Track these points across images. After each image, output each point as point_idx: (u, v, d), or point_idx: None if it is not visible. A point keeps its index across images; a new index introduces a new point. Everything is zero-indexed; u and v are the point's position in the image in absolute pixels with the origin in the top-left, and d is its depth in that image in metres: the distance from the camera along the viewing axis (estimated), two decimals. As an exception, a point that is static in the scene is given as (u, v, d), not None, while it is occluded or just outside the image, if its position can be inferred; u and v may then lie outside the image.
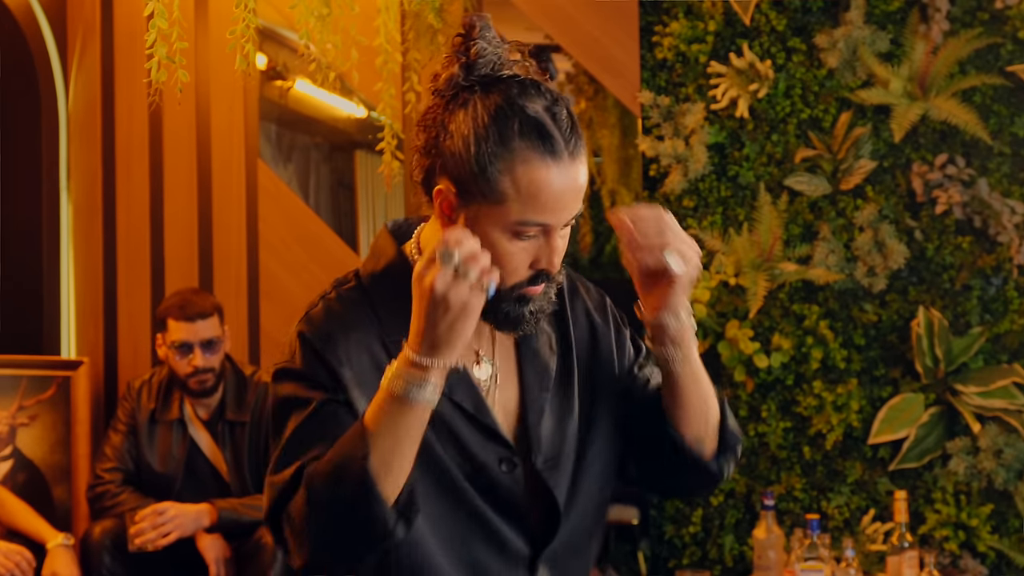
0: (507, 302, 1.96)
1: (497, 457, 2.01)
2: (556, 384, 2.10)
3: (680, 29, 4.78)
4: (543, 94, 1.90)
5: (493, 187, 1.88)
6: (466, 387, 2.01)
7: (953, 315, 4.61)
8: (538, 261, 1.95)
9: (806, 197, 4.71)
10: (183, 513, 4.28)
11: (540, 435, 2.05)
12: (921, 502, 4.61)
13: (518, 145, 1.87)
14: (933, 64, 4.61)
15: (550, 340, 2.11)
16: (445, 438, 1.99)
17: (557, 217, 1.91)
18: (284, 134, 5.51)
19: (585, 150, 1.92)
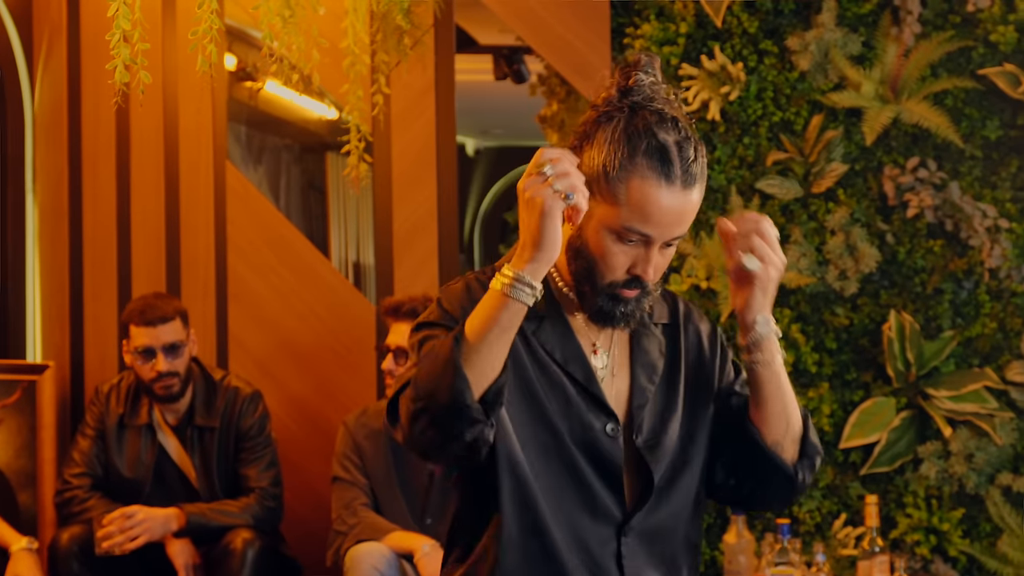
0: (602, 297, 2.25)
1: (602, 423, 2.29)
2: (662, 382, 2.37)
3: (651, 31, 4.79)
4: (678, 130, 2.20)
5: (612, 190, 2.20)
6: (580, 364, 2.30)
7: (924, 319, 4.63)
8: (635, 267, 2.23)
9: (777, 200, 4.72)
10: (151, 517, 4.27)
11: (643, 418, 2.33)
12: (892, 506, 4.62)
13: (640, 161, 2.18)
14: (905, 67, 4.63)
15: (660, 344, 2.39)
16: (557, 401, 2.28)
17: (658, 232, 2.19)
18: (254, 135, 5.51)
19: (700, 186, 2.21)
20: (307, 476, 4.84)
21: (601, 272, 2.24)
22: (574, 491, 2.28)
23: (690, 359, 2.41)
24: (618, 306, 2.25)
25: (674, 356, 2.40)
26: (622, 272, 2.23)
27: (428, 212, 4.86)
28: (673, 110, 2.23)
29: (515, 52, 6.87)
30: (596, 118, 2.24)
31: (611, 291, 2.24)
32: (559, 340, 2.30)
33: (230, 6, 4.81)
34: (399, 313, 4.31)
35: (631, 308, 2.26)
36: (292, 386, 4.89)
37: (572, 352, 2.31)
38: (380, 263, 4.91)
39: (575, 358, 2.31)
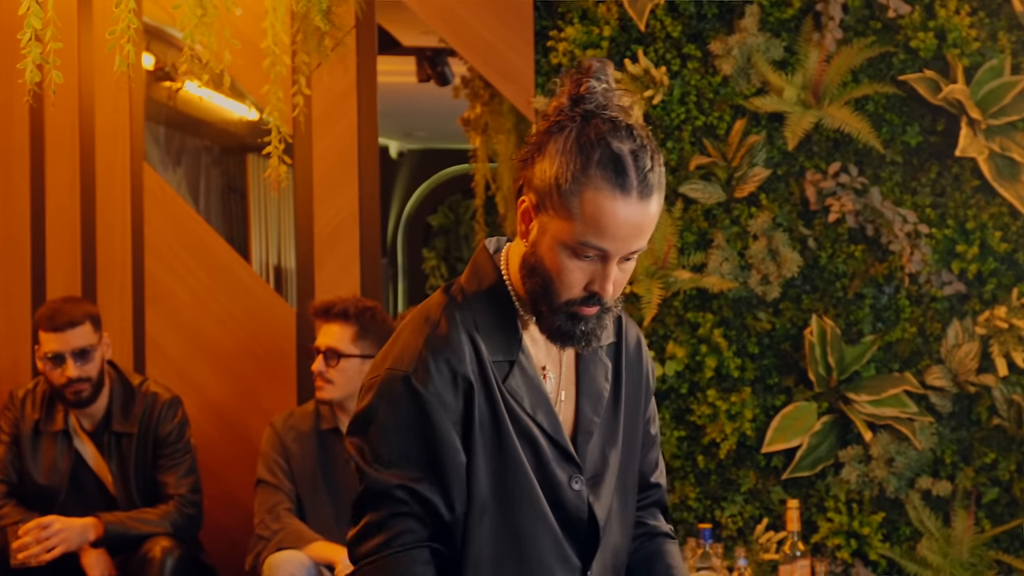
0: (560, 316, 2.18)
1: (569, 475, 2.26)
2: (607, 411, 2.33)
3: (575, 34, 4.81)
4: (633, 138, 2.13)
5: (565, 204, 2.12)
6: (544, 407, 2.26)
7: (846, 323, 4.68)
8: (592, 283, 2.16)
9: (700, 205, 4.75)
10: (68, 527, 4.22)
11: (586, 455, 2.29)
12: (814, 511, 4.67)
13: (594, 173, 2.10)
14: (826, 72, 4.68)
15: (606, 369, 2.35)
16: (528, 450, 2.23)
17: (615, 246, 2.12)
18: (173, 136, 5.47)
19: (659, 195, 2.14)
20: (227, 483, 4.81)
21: (557, 290, 2.17)
22: (545, 541, 2.24)
23: (630, 381, 2.39)
24: (577, 325, 2.19)
25: (617, 380, 2.36)
26: (579, 289, 2.17)
27: (350, 215, 4.85)
28: (628, 117, 2.16)
29: (438, 54, 6.87)
30: (547, 128, 2.17)
31: (568, 310, 2.18)
32: (529, 388, 2.24)
33: (148, 4, 4.78)
34: (329, 315, 4.29)
35: (591, 327, 2.20)
36: (211, 392, 4.86)
37: (540, 400, 2.25)
38: (301, 267, 4.89)
39: (542, 406, 2.25)
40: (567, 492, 2.25)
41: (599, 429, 2.31)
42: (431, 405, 2.17)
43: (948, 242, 4.63)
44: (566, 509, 2.25)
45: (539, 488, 2.23)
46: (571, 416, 2.30)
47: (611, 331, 2.35)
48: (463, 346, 2.20)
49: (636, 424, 2.38)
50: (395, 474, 2.16)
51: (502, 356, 2.22)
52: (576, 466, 2.26)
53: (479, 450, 2.19)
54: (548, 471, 2.23)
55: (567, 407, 2.30)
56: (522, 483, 2.22)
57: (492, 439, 2.20)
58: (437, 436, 2.17)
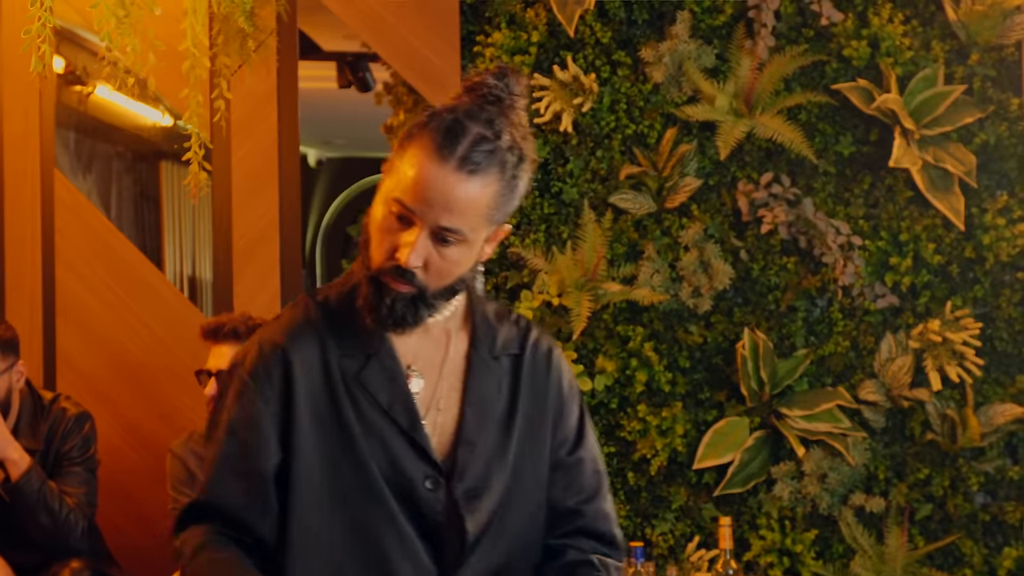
0: (372, 285, 2.17)
1: (423, 474, 2.22)
2: (496, 423, 2.29)
3: (502, 39, 4.82)
4: (487, 125, 2.13)
5: (397, 158, 2.15)
6: (404, 404, 2.23)
7: (778, 337, 4.72)
8: (395, 248, 2.13)
9: (631, 215, 4.78)
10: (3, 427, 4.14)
11: (466, 466, 2.24)
12: (746, 528, 4.70)
13: (428, 130, 2.11)
14: (759, 81, 4.72)
15: (500, 380, 2.31)
16: (377, 448, 2.21)
17: (418, 207, 2.10)
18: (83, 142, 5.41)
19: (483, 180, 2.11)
20: (140, 502, 4.76)
21: (371, 254, 2.17)
22: (396, 547, 2.21)
23: (531, 398, 2.33)
24: (383, 299, 2.16)
25: (514, 393, 2.31)
26: (385, 253, 2.15)
27: (270, 224, 4.82)
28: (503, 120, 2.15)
29: (360, 59, 6.85)
30: None
31: (379, 278, 2.16)
32: (385, 381, 2.23)
33: (58, 5, 4.71)
34: (219, 335, 4.22)
35: (400, 308, 2.16)
36: (125, 407, 4.80)
37: (398, 394, 2.23)
38: (219, 277, 4.85)
39: (400, 401, 2.23)
40: (420, 491, 2.21)
41: (485, 443, 2.27)
42: (256, 399, 2.22)
43: (881, 254, 4.69)
44: (419, 509, 2.22)
45: (385, 484, 2.20)
46: (452, 424, 2.26)
47: (514, 340, 2.34)
48: (305, 339, 2.23)
49: (537, 444, 2.32)
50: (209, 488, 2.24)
51: (357, 350, 2.22)
52: (433, 466, 2.22)
53: (313, 444, 2.20)
54: (399, 468, 2.21)
55: (447, 414, 2.27)
56: (364, 478, 2.20)
57: (332, 433, 2.20)
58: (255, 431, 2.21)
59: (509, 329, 2.35)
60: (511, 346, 2.34)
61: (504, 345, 2.33)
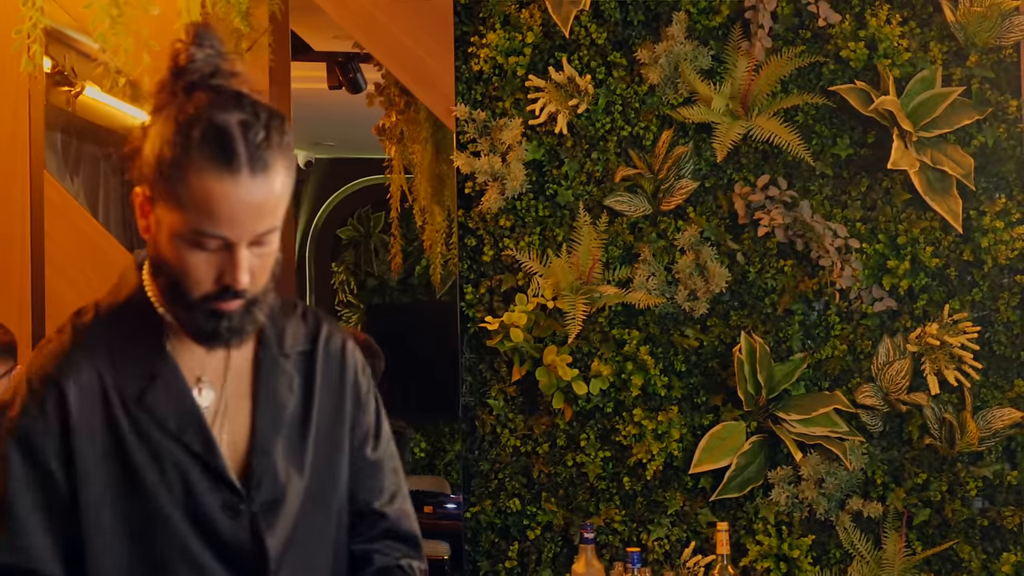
0: (199, 314, 2.02)
1: (221, 501, 2.09)
2: (290, 427, 2.18)
3: (497, 40, 4.81)
4: (243, 107, 1.96)
5: (172, 192, 1.96)
6: (194, 425, 2.09)
7: (775, 340, 4.72)
8: (223, 275, 1.99)
9: (626, 218, 4.77)
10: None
11: (262, 477, 2.13)
12: (743, 533, 4.70)
13: (196, 154, 1.93)
14: (755, 82, 4.72)
15: (291, 379, 2.20)
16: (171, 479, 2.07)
17: (234, 231, 1.96)
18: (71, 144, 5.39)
19: (280, 169, 1.97)
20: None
21: (187, 287, 2.01)
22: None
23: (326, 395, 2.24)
24: (221, 322, 2.03)
25: (308, 392, 2.22)
26: (210, 283, 2.00)
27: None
28: (238, 84, 2.01)
29: (350, 60, 6.85)
30: (152, 108, 2.03)
31: (206, 306, 2.02)
32: (174, 403, 2.08)
33: (46, 4, 4.70)
34: None
35: (237, 322, 2.04)
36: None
37: (188, 416, 2.09)
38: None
39: (192, 424, 2.09)
40: (220, 522, 2.09)
41: (279, 448, 2.15)
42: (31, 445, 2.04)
43: (879, 257, 4.69)
44: (221, 541, 2.10)
45: (178, 518, 2.06)
46: (245, 432, 2.15)
47: (302, 336, 2.23)
48: (79, 366, 2.07)
49: (334, 444, 2.24)
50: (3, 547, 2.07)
51: (138, 371, 2.07)
52: (234, 492, 2.10)
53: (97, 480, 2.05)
54: (195, 498, 2.08)
55: (238, 423, 2.15)
56: (152, 511, 2.06)
57: (115, 468, 2.05)
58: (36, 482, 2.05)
59: (297, 325, 2.25)
60: (301, 342, 2.23)
61: (293, 342, 2.22)
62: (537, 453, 4.78)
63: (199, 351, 2.11)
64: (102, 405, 2.06)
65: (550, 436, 4.77)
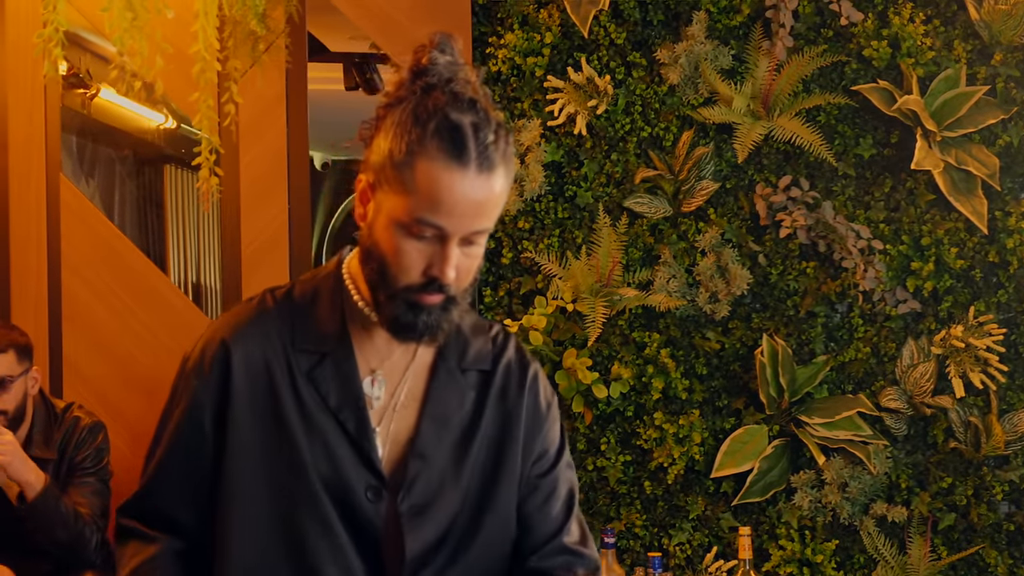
0: (399, 304, 2.11)
1: (365, 484, 2.18)
2: (453, 439, 2.25)
3: (515, 41, 4.84)
4: (476, 111, 2.07)
5: (399, 177, 2.06)
6: (353, 406, 2.19)
7: (797, 343, 4.73)
8: (431, 267, 2.08)
9: (646, 219, 4.79)
10: (20, 451, 4.15)
11: (415, 480, 2.20)
12: (765, 538, 4.72)
13: (429, 143, 2.04)
14: (777, 82, 4.74)
15: (463, 395, 2.27)
16: (319, 450, 2.17)
17: (452, 222, 2.06)
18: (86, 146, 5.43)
19: (502, 173, 2.09)
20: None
21: (394, 274, 2.10)
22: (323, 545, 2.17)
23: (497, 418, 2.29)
24: (419, 315, 2.11)
25: (478, 411, 2.27)
26: (417, 273, 2.09)
27: (279, 228, 4.84)
28: (472, 91, 2.11)
29: (367, 60, 6.87)
30: (387, 103, 2.12)
31: (408, 297, 2.10)
32: (339, 383, 2.19)
33: (62, 7, 4.75)
34: None
35: (435, 318, 2.12)
36: (131, 415, 4.83)
37: (349, 398, 2.19)
38: (227, 283, 4.87)
39: (350, 405, 2.19)
40: (360, 500, 2.18)
41: (438, 458, 2.23)
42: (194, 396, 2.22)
43: (903, 259, 4.70)
44: (357, 519, 2.18)
45: (323, 489, 2.17)
46: (407, 434, 2.23)
47: (486, 355, 2.31)
48: (252, 333, 2.21)
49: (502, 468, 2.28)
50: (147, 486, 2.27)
51: (313, 347, 2.19)
52: (377, 476, 2.18)
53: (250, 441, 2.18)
54: (340, 474, 2.18)
55: (403, 421, 2.23)
56: (300, 479, 2.17)
57: (270, 430, 2.18)
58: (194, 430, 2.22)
59: (483, 343, 2.32)
60: (482, 361, 2.30)
61: (475, 359, 2.29)
62: (557, 457, 4.80)
63: (382, 346, 2.22)
64: (267, 369, 2.19)
65: (570, 440, 4.79)
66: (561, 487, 2.39)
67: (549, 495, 2.36)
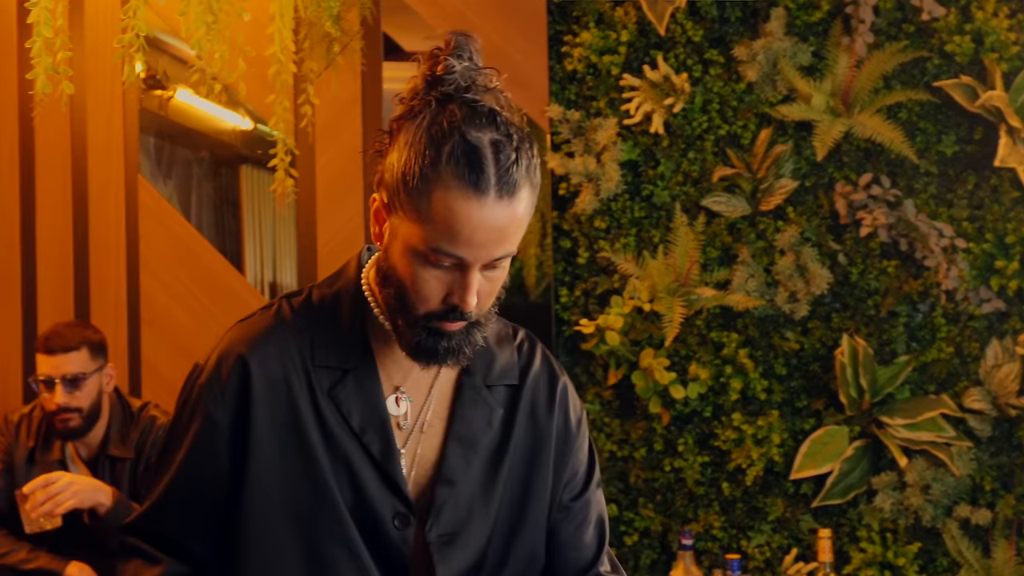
0: (420, 331, 1.99)
1: (393, 510, 2.07)
2: (482, 460, 2.13)
3: (591, 39, 4.85)
4: (496, 126, 1.93)
5: (413, 204, 1.93)
6: (378, 428, 2.07)
7: (878, 343, 4.71)
8: (451, 295, 1.97)
9: (724, 218, 4.79)
10: (77, 480, 4.16)
11: (443, 507, 2.10)
12: (846, 540, 4.70)
13: (445, 169, 1.90)
14: (857, 78, 4.72)
15: (491, 412, 2.15)
16: (342, 473, 2.05)
17: (471, 253, 1.93)
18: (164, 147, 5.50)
19: (525, 193, 1.95)
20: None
21: (413, 302, 1.98)
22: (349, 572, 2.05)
23: (528, 435, 2.18)
24: (440, 341, 2.00)
25: (507, 428, 2.16)
26: (437, 301, 1.98)
27: (354, 229, 4.89)
28: (492, 100, 1.96)
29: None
30: (400, 115, 1.98)
31: (428, 324, 1.99)
32: (362, 402, 2.07)
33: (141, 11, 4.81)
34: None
35: (457, 342, 2.01)
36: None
37: (373, 418, 2.07)
38: (303, 282, 4.92)
39: (375, 426, 2.07)
40: (387, 528, 2.06)
41: (466, 483, 2.11)
42: (207, 414, 2.07)
43: (986, 257, 4.67)
44: (384, 548, 2.07)
45: (345, 515, 2.05)
46: (432, 455, 2.12)
47: (513, 370, 2.19)
48: (271, 347, 2.07)
49: (533, 488, 2.17)
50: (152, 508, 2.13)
51: (333, 363, 2.06)
52: (404, 503, 2.07)
53: (270, 463, 2.05)
54: (365, 499, 2.06)
55: (429, 444, 2.12)
56: (325, 503, 2.05)
57: (291, 451, 2.05)
58: (205, 450, 2.07)
59: (509, 356, 2.20)
60: (509, 376, 2.18)
61: (501, 374, 2.18)
62: (634, 458, 4.81)
63: (405, 361, 2.09)
64: (287, 386, 2.05)
65: (647, 441, 4.80)
66: (592, 512, 2.27)
67: (582, 521, 2.25)
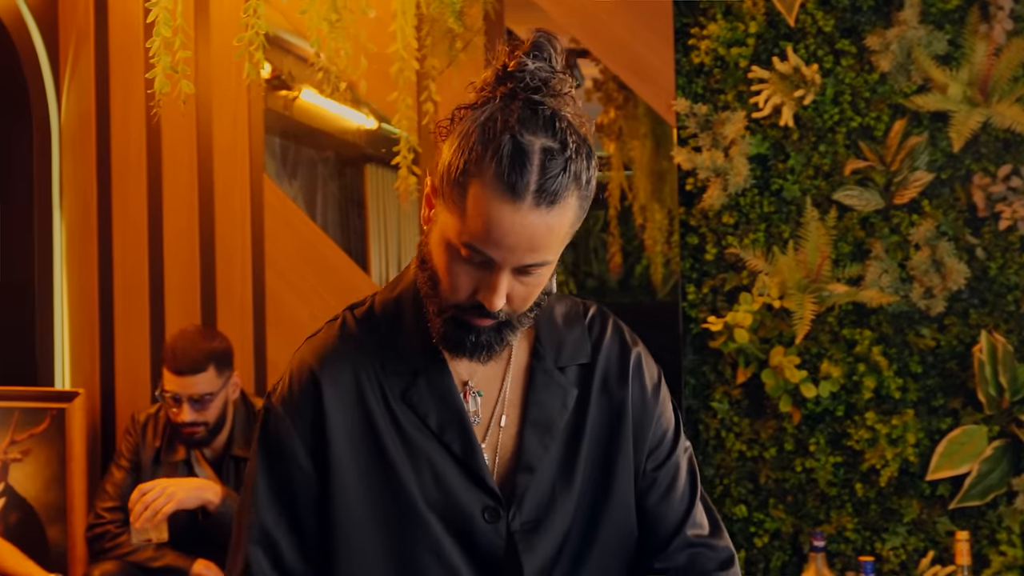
0: (446, 319, 2.03)
1: (481, 505, 2.09)
2: (560, 446, 2.14)
3: (718, 31, 4.82)
4: (553, 133, 1.92)
5: (452, 195, 1.95)
6: (456, 425, 2.09)
7: (1018, 340, 4.64)
8: (478, 291, 1.98)
9: (857, 212, 4.74)
10: (174, 484, 4.21)
11: (524, 495, 2.11)
12: (985, 543, 4.63)
13: (487, 167, 1.91)
14: (995, 67, 4.65)
15: (565, 394, 2.15)
16: (426, 475, 2.08)
17: (500, 255, 1.94)
18: (289, 148, 5.56)
19: (565, 205, 1.93)
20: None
21: (443, 290, 2.01)
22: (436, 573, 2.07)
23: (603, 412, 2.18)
24: (466, 335, 2.02)
25: (582, 408, 2.16)
26: (466, 295, 1.99)
27: (479, 228, 4.90)
28: (559, 105, 1.94)
29: (568, 56, 6.89)
30: (466, 105, 2.00)
31: (457, 315, 2.01)
32: (436, 401, 2.09)
33: (263, 9, 4.88)
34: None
35: (484, 339, 2.02)
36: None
37: (451, 416, 2.09)
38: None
39: (454, 424, 2.09)
40: (477, 523, 2.08)
41: (546, 468, 2.13)
42: (286, 431, 2.10)
43: None
44: (475, 544, 2.08)
45: (431, 515, 2.06)
46: (510, 444, 2.13)
47: (585, 349, 2.18)
48: (339, 359, 2.09)
49: (614, 463, 2.17)
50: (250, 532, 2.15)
51: (403, 367, 2.09)
52: (492, 496, 2.09)
53: (350, 473, 2.07)
54: (452, 498, 2.08)
55: (507, 434, 2.14)
56: (410, 511, 2.07)
57: (370, 459, 2.07)
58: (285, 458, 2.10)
59: (580, 334, 2.19)
60: (580, 355, 2.18)
61: (572, 354, 2.18)
62: (764, 458, 4.78)
63: None
64: (360, 399, 2.08)
65: (777, 440, 4.77)
66: (681, 475, 2.25)
67: (669, 487, 2.23)
